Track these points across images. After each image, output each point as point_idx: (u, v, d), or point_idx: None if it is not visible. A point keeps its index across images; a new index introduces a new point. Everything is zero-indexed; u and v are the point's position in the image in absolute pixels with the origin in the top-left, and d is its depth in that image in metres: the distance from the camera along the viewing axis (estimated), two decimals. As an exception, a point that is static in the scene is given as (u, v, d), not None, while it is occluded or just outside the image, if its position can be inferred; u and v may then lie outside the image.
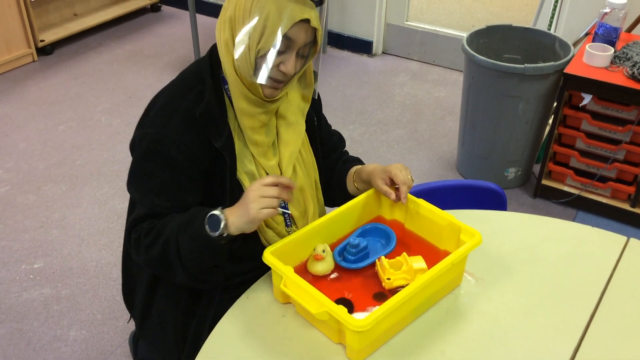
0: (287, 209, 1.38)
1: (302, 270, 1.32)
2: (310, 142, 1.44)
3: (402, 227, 1.44)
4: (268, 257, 1.22)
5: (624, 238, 1.48)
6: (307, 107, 1.40)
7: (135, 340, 1.65)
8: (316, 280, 1.30)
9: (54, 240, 2.49)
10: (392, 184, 1.39)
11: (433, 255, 1.36)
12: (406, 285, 1.26)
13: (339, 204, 1.60)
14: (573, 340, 1.20)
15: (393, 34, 4.05)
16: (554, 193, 2.70)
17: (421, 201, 1.39)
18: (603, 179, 2.57)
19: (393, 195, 1.35)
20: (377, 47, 4.10)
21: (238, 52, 1.20)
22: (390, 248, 1.36)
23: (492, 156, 2.75)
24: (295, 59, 1.22)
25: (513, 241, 1.47)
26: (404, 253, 1.31)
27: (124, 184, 1.89)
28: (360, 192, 1.51)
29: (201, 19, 4.20)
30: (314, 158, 1.45)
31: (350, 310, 1.23)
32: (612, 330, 1.23)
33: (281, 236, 1.38)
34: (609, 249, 1.44)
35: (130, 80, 3.75)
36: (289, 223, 1.40)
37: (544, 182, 2.71)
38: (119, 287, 2.05)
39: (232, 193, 1.29)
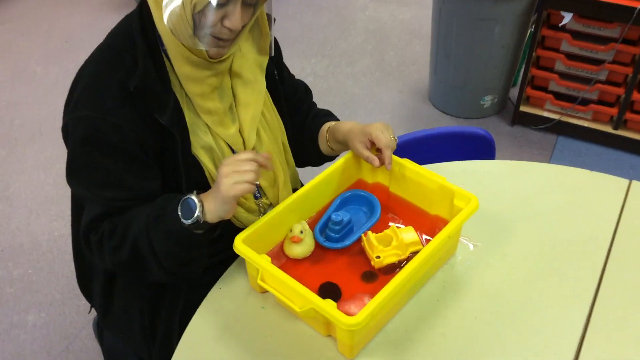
0: None
1: (279, 254, 1.16)
2: (273, 99, 1.24)
3: (386, 191, 1.28)
4: (239, 246, 1.05)
5: (626, 181, 1.35)
6: (265, 59, 1.19)
7: (100, 328, 1.50)
8: (296, 263, 1.15)
9: (-2, 214, 2.27)
10: (373, 146, 1.21)
11: (423, 222, 1.22)
12: (397, 262, 1.12)
13: (312, 164, 1.43)
14: (584, 306, 1.09)
15: (350, -48, 3.73)
16: (532, 119, 2.57)
17: (407, 162, 1.22)
18: (584, 102, 2.44)
19: (377, 162, 1.18)
20: (334, -33, 3.78)
21: (170, 9, 0.97)
22: (375, 218, 1.21)
23: (468, 85, 2.58)
24: (242, 9, 1.00)
25: (507, 195, 1.33)
26: (393, 225, 1.16)
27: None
28: (334, 151, 1.34)
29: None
30: (279, 118, 1.25)
31: (338, 297, 1.09)
32: (624, 291, 1.12)
33: (251, 211, 1.21)
34: (611, 195, 1.32)
35: (64, 24, 3.38)
36: (258, 195, 1.23)
37: (522, 108, 2.57)
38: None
39: (189, 173, 1.10)
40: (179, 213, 1.00)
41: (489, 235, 1.22)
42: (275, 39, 1.18)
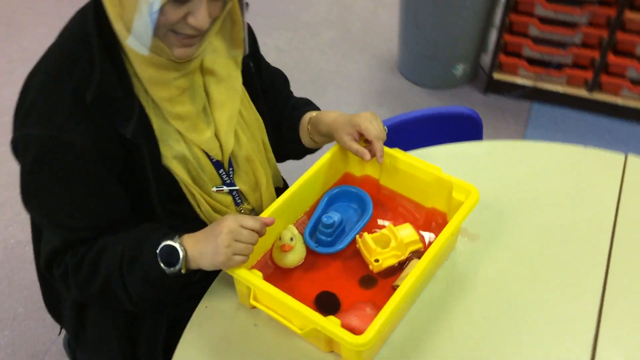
0: (233, 184, 1.09)
1: (267, 263, 1.06)
2: (250, 95, 1.12)
3: (377, 184, 1.19)
4: (225, 263, 0.95)
5: (622, 156, 1.29)
6: (240, 52, 1.07)
7: (72, 349, 1.38)
8: (287, 273, 1.05)
9: (-51, 223, 2.09)
10: (361, 137, 1.11)
11: (418, 216, 1.13)
12: (397, 263, 1.04)
13: (293, 158, 1.33)
14: (595, 292, 1.03)
15: None
16: (506, 86, 2.51)
17: (398, 152, 1.13)
18: (558, 66, 2.38)
19: (368, 155, 1.08)
20: None
21: (125, 5, 0.85)
22: (367, 216, 1.12)
23: (439, 54, 2.49)
24: (209, 3, 0.87)
25: (502, 180, 1.25)
26: (390, 224, 1.07)
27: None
28: (317, 144, 1.23)
29: None
30: (257, 115, 1.14)
31: (337, 307, 1.00)
32: (634, 274, 1.06)
33: (222, 205, 1.11)
34: (608, 172, 1.26)
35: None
36: (238, 201, 1.12)
37: (495, 76, 2.50)
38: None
39: (159, 187, 0.99)
40: (158, 259, 0.90)
41: (487, 225, 1.15)
42: (249, 26, 1.06)
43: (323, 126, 1.16)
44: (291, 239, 1.03)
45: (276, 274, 1.05)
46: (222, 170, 1.07)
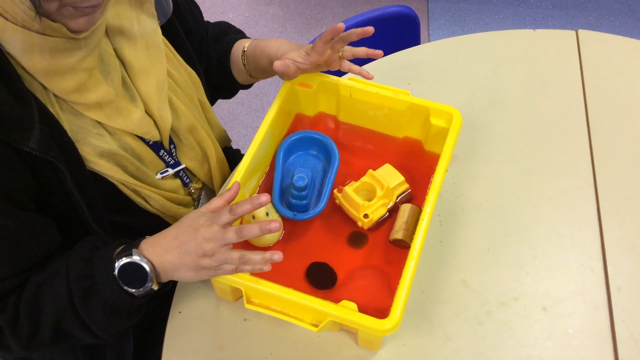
0: (179, 164, 0.89)
1: (241, 244, 0.90)
2: (173, 46, 0.88)
3: (336, 121, 1.03)
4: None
5: (572, 33, 1.21)
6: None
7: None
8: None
9: None
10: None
11: (390, 149, 1.00)
12: (386, 215, 0.92)
13: (224, 98, 1.13)
14: (589, 192, 0.98)
15: None
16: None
17: (356, 81, 0.96)
18: None
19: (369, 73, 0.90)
20: None
21: None
22: (335, 163, 0.96)
23: None
24: None
25: (458, 86, 1.13)
26: (370, 171, 0.93)
27: None
28: (255, 80, 1.04)
29: None
30: (188, 69, 0.91)
31: (334, 278, 0.88)
32: (619, 158, 1.01)
33: (184, 204, 0.92)
34: (564, 54, 1.17)
35: None
36: (187, 181, 0.92)
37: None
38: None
39: (90, 197, 0.77)
40: (119, 282, 0.70)
41: (461, 142, 1.03)
42: None
43: (265, 59, 0.95)
44: (267, 214, 0.87)
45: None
46: (162, 150, 0.85)
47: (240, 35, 1.05)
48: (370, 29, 0.81)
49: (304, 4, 2.39)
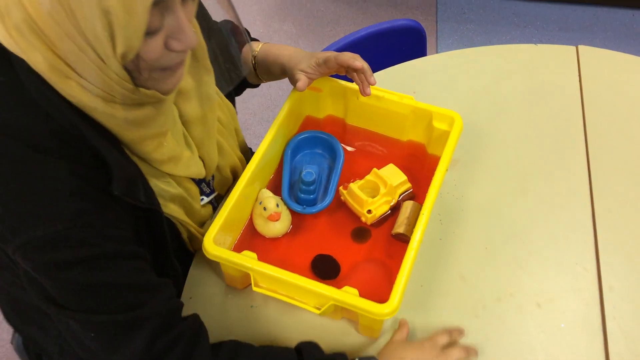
0: (213, 191, 0.95)
1: (249, 235, 0.95)
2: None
3: (343, 125, 1.08)
4: (214, 250, 0.83)
5: (573, 49, 1.26)
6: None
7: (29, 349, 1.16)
8: (274, 242, 0.95)
9: None
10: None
11: (394, 151, 1.05)
12: (388, 212, 0.96)
13: (235, 96, 1.18)
14: (585, 196, 1.02)
15: None
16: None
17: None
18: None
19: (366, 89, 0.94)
20: None
21: (87, 77, 0.63)
22: (340, 160, 1.02)
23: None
24: (183, 7, 0.64)
25: (463, 95, 1.18)
26: (374, 169, 0.98)
27: None
28: (262, 81, 1.10)
29: None
30: (228, 104, 0.96)
31: (338, 270, 0.92)
32: (614, 166, 1.06)
33: (204, 217, 0.95)
34: (564, 68, 1.22)
35: None
36: (216, 204, 0.98)
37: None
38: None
39: (169, 239, 0.83)
40: None
41: (461, 147, 1.09)
42: None
43: (276, 67, 1.00)
44: (277, 205, 0.92)
45: (264, 245, 0.95)
46: (203, 183, 0.91)
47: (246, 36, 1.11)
48: (372, 82, 0.92)
49: (317, 21, 2.46)
